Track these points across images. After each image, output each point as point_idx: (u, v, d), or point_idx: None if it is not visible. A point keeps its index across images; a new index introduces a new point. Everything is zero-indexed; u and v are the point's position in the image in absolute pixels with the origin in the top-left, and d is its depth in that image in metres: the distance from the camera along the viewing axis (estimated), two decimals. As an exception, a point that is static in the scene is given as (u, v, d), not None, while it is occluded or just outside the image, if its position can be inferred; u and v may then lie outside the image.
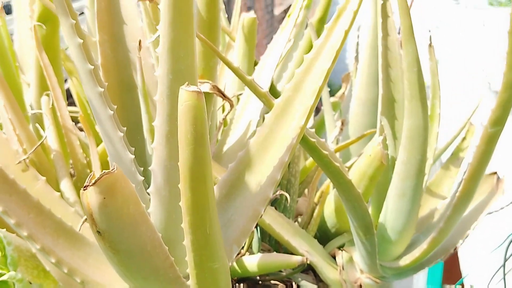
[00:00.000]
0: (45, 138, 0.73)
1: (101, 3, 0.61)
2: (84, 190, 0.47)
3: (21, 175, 0.68)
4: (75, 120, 0.91)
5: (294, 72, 0.62)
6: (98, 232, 0.50)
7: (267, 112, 0.97)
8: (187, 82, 0.41)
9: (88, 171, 0.78)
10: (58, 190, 0.75)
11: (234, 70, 0.63)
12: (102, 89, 0.54)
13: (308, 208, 0.91)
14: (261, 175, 0.62)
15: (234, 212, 0.63)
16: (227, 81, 1.05)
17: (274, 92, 1.01)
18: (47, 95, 0.77)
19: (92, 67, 0.53)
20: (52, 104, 0.77)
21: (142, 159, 0.63)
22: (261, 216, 0.67)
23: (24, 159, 0.68)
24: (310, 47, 1.06)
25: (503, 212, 0.96)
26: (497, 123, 0.67)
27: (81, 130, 0.92)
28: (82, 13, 0.97)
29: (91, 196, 0.47)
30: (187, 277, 0.61)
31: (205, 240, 0.47)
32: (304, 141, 0.66)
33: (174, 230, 0.57)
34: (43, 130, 0.77)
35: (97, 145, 0.76)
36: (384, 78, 0.82)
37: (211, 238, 0.48)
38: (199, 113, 0.41)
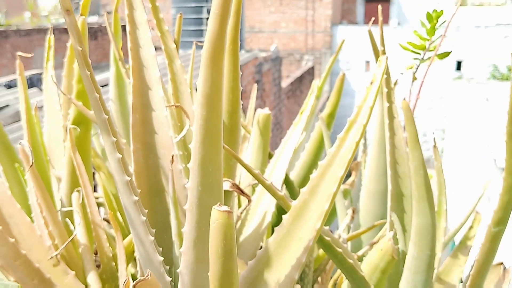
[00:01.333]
0: (75, 235, 0.78)
1: (136, 115, 0.68)
2: (120, 295, 0.51)
3: (53, 270, 0.73)
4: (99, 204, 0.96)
5: (310, 177, 0.68)
6: (131, 334, 0.54)
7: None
8: (219, 203, 0.47)
9: (113, 264, 0.82)
10: (85, 282, 0.79)
11: (255, 176, 0.69)
12: (137, 198, 0.59)
13: (322, 298, 0.93)
14: (279, 274, 0.66)
15: (254, 309, 0.66)
16: (243, 171, 1.11)
17: (288, 183, 1.07)
18: (78, 191, 0.83)
19: (129, 178, 0.59)
20: (82, 200, 0.82)
21: (168, 258, 0.67)
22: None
23: (55, 255, 0.73)
24: (320, 139, 1.14)
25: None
26: (500, 223, 0.71)
27: (106, 220, 0.97)
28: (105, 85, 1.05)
29: (126, 302, 0.51)
30: None
31: None
32: (319, 239, 0.70)
33: (199, 329, 0.61)
34: (73, 224, 0.82)
35: (123, 238, 0.81)
36: (393, 175, 0.87)
37: None
38: (228, 230, 0.46)
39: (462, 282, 0.89)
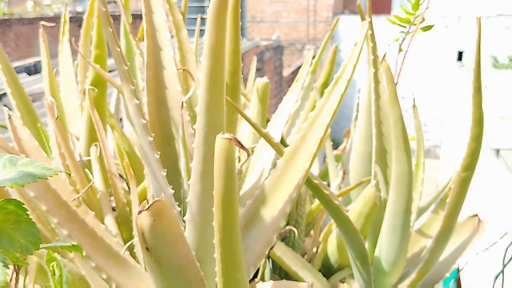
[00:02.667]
0: (93, 182, 0.88)
1: (150, 72, 0.78)
2: (138, 214, 0.61)
3: (76, 210, 0.83)
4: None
5: (301, 127, 0.78)
6: (147, 248, 0.64)
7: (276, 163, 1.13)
8: (222, 132, 0.57)
9: (127, 209, 0.93)
10: (103, 223, 0.90)
11: (253, 125, 0.79)
12: (152, 138, 0.69)
13: (313, 245, 1.04)
14: (273, 209, 0.76)
15: (251, 240, 0.77)
16: (243, 136, 1.21)
17: (284, 144, 1.17)
18: (96, 145, 0.93)
19: (145, 121, 0.69)
20: (100, 153, 0.93)
21: (178, 196, 0.78)
22: (274, 245, 0.82)
23: (78, 197, 0.83)
24: (315, 107, 1.23)
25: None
26: (468, 168, 0.81)
27: (120, 176, 1.07)
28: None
29: (144, 219, 0.61)
30: (213, 292, 0.75)
31: (231, 253, 0.61)
32: (309, 183, 0.80)
33: (204, 250, 0.71)
34: (92, 174, 0.93)
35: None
36: (377, 133, 0.97)
37: (236, 252, 0.61)
38: (230, 154, 0.57)
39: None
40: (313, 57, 1.28)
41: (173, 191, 0.71)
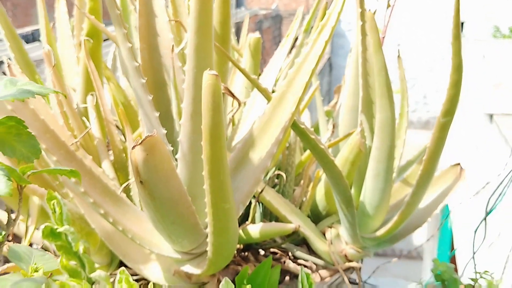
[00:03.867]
0: (90, 128, 0.92)
1: (142, 20, 0.81)
2: (132, 149, 0.66)
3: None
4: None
5: (288, 73, 0.82)
6: (141, 182, 0.68)
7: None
8: (209, 68, 0.61)
9: (124, 155, 0.97)
10: (101, 168, 0.94)
11: (242, 70, 0.83)
12: (144, 80, 0.73)
13: (302, 194, 1.08)
14: (261, 151, 0.81)
15: (240, 180, 0.81)
16: (235, 91, 1.25)
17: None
18: (92, 95, 0.97)
19: (138, 64, 0.72)
20: (96, 102, 0.96)
21: (170, 137, 0.82)
22: (262, 191, 0.86)
23: (76, 142, 0.88)
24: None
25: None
26: (447, 114, 0.85)
27: (117, 127, 1.11)
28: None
29: (137, 153, 0.65)
30: (205, 227, 0.80)
31: (219, 184, 0.66)
32: (296, 127, 0.84)
33: (195, 187, 0.76)
34: (89, 121, 0.97)
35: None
36: (364, 84, 1.01)
37: (224, 183, 0.66)
38: (217, 88, 0.60)
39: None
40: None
41: (165, 131, 0.75)
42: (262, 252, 1.04)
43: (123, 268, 0.81)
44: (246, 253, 1.02)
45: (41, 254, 0.67)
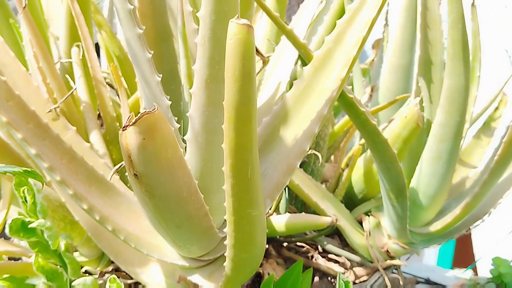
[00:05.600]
0: (75, 89, 0.72)
1: None
2: (123, 130, 0.46)
3: (52, 124, 0.67)
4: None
5: (324, 39, 0.61)
6: (135, 175, 0.49)
7: (295, 79, 0.96)
8: (237, 16, 0.40)
9: (118, 124, 0.77)
10: (88, 141, 0.75)
11: (274, 19, 0.61)
12: (141, 31, 0.52)
13: (336, 172, 0.89)
14: (297, 129, 0.60)
15: (268, 166, 0.61)
16: (256, 41, 1.03)
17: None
18: (78, 46, 0.76)
19: (132, 7, 0.51)
20: (83, 56, 0.76)
21: (176, 108, 0.62)
22: (295, 172, 0.66)
23: (54, 108, 0.67)
24: (341, 11, 1.04)
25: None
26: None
27: (109, 85, 0.91)
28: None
29: (130, 137, 0.45)
30: (220, 228, 0.61)
31: (246, 184, 0.46)
32: (342, 97, 0.64)
33: (209, 178, 0.56)
34: (73, 81, 0.76)
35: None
36: (422, 39, 0.79)
37: (252, 183, 0.46)
38: (248, 48, 0.40)
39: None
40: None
41: (170, 102, 0.55)
42: (285, 244, 0.86)
43: (114, 276, 0.63)
44: (267, 246, 0.84)
45: None
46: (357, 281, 0.84)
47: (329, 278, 0.82)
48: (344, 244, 0.87)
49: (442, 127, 0.72)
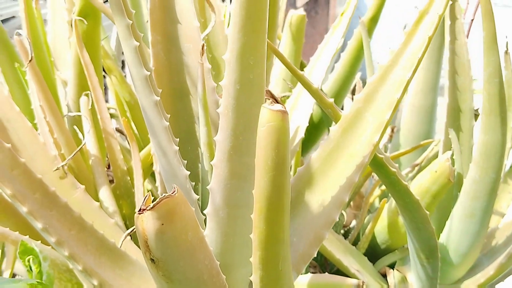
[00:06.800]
0: (84, 143, 0.68)
1: (155, 0, 0.55)
2: (139, 213, 0.41)
3: (59, 183, 0.63)
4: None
5: (367, 82, 0.56)
6: (152, 260, 0.44)
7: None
8: (271, 101, 0.35)
9: (128, 178, 0.73)
10: (97, 198, 0.70)
11: (300, 77, 0.57)
12: (158, 98, 0.48)
13: (359, 224, 0.84)
14: (324, 195, 0.56)
15: (293, 233, 0.57)
16: (271, 80, 0.99)
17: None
18: (87, 95, 0.72)
19: (148, 73, 0.47)
20: (92, 105, 0.71)
21: (194, 173, 0.57)
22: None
23: (62, 166, 0.63)
24: (359, 47, 1.00)
25: None
26: None
27: (118, 131, 0.86)
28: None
29: (147, 222, 0.41)
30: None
31: (276, 277, 0.41)
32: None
33: (231, 254, 0.52)
34: (81, 132, 0.72)
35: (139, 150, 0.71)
36: (451, 86, 0.75)
37: (283, 275, 0.42)
38: (283, 136, 0.35)
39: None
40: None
41: (188, 173, 0.51)
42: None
43: None
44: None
45: None
46: None
47: None
48: (367, 299, 0.82)
49: (476, 184, 0.67)
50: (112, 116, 0.93)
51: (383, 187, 0.89)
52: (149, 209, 0.40)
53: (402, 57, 0.54)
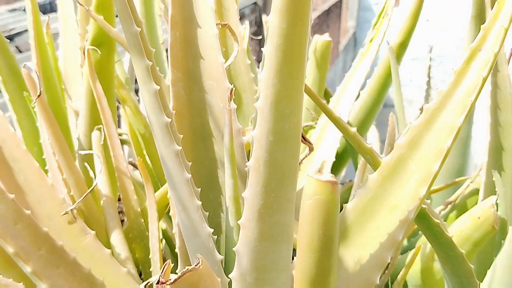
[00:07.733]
0: (96, 184, 0.62)
1: (176, 32, 0.49)
2: (158, 285, 0.36)
3: (68, 229, 0.58)
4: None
5: (409, 125, 0.50)
6: (172, 336, 0.39)
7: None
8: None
9: (142, 220, 0.67)
10: (108, 242, 0.65)
11: (336, 121, 0.51)
12: (180, 148, 0.42)
13: (390, 270, 0.78)
14: (361, 251, 0.50)
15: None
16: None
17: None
18: (99, 129, 0.67)
19: (169, 120, 0.41)
20: (104, 140, 0.66)
21: (215, 224, 0.51)
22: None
23: (71, 210, 0.58)
24: (386, 75, 0.94)
25: None
26: None
27: (132, 164, 0.81)
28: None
29: (167, 297, 0.35)
30: None
31: None
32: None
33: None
34: (92, 169, 0.67)
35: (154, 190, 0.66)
36: (493, 123, 0.69)
37: None
38: (332, 212, 0.30)
39: None
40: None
41: (211, 230, 0.45)
42: None
43: None
44: None
45: None
46: None
47: None
48: None
49: (525, 233, 0.61)
50: (124, 142, 0.88)
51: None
52: (169, 284, 0.35)
53: (451, 99, 0.48)
